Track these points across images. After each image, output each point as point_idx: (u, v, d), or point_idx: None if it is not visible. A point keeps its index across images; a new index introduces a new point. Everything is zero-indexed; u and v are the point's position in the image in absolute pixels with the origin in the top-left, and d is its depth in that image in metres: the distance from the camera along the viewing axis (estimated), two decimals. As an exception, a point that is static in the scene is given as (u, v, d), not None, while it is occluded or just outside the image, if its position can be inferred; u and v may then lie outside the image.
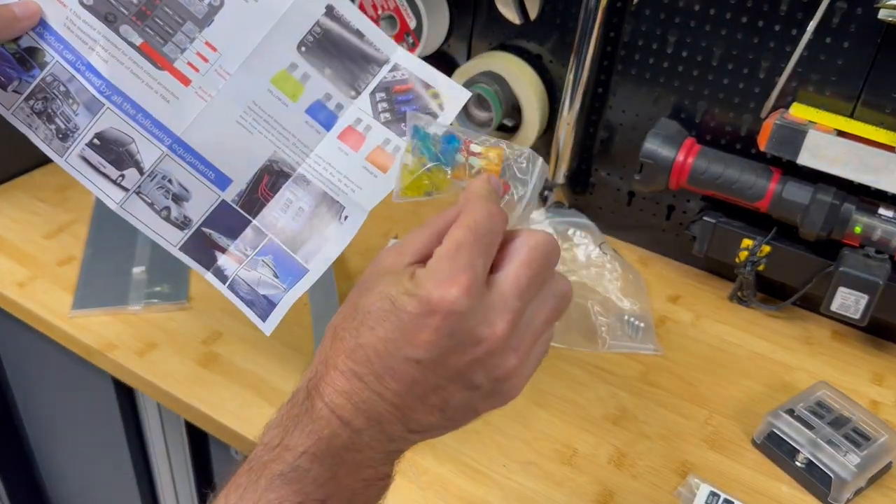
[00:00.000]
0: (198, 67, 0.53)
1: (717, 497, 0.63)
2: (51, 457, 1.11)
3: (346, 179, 0.54)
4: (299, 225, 0.54)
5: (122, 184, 0.52)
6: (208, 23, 0.53)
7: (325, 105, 0.55)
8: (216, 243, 0.53)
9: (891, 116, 0.76)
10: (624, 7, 0.85)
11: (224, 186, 0.54)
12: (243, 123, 0.54)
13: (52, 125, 0.51)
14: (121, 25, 0.52)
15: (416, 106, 0.55)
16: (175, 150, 0.53)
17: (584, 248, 0.91)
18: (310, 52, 0.54)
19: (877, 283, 0.76)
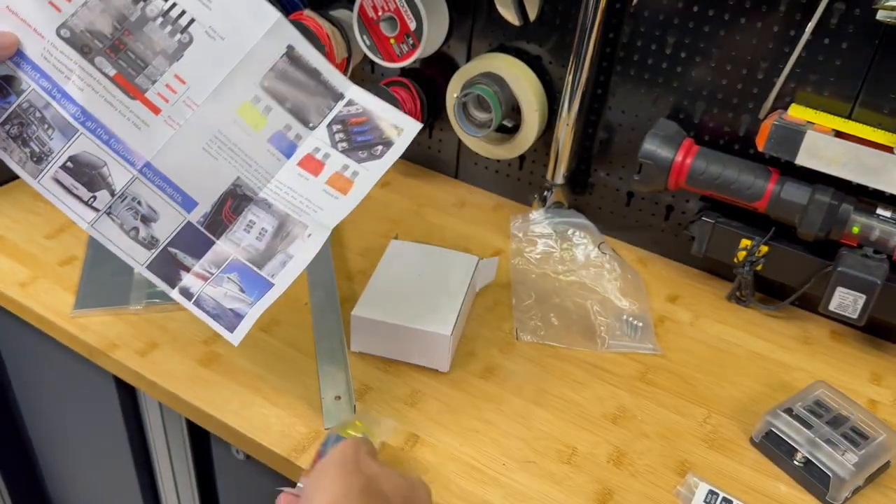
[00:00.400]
0: (167, 98, 0.56)
1: (715, 496, 0.64)
2: (53, 456, 1.11)
3: (308, 201, 0.58)
4: (263, 244, 0.57)
5: (93, 205, 0.54)
6: (178, 57, 0.57)
7: (286, 135, 0.59)
8: (181, 262, 0.56)
9: (889, 117, 0.77)
10: (623, 8, 0.86)
11: (190, 208, 0.57)
12: (209, 150, 0.57)
13: (27, 149, 0.52)
14: (96, 57, 0.55)
15: (373, 136, 0.61)
16: (145, 174, 0.55)
17: (584, 248, 0.91)
18: (272, 86, 0.59)
19: (875, 282, 0.76)
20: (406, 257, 0.83)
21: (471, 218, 1.02)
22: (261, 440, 0.66)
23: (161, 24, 0.56)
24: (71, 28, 0.54)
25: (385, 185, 1.07)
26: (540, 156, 1.01)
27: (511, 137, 0.96)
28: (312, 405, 0.70)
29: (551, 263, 0.90)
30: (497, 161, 1.04)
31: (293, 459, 0.65)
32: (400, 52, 0.95)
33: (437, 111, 1.04)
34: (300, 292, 0.84)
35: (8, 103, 0.52)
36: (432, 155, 1.10)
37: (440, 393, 0.73)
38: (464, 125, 0.94)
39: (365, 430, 0.64)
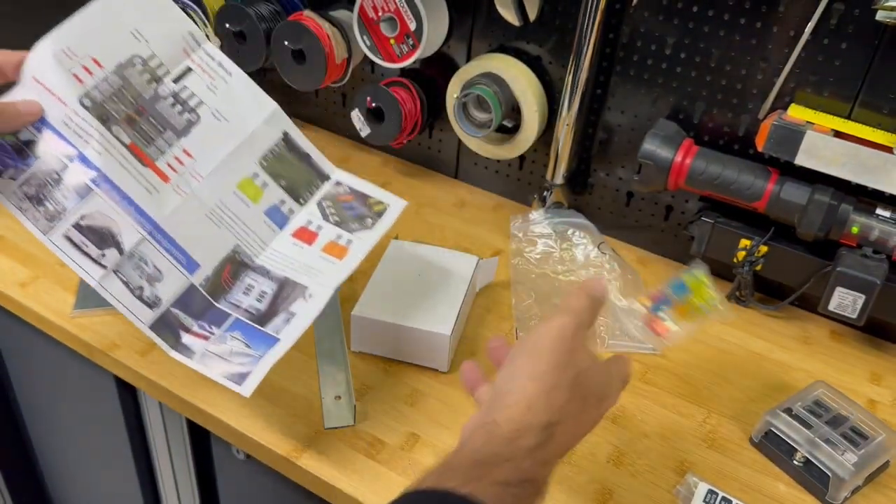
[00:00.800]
0: (176, 169, 0.61)
1: (715, 495, 0.64)
2: (53, 455, 1.11)
3: (306, 266, 0.62)
4: (264, 305, 0.60)
5: (101, 262, 0.55)
6: (186, 133, 0.62)
7: (280, 209, 0.65)
8: (182, 323, 0.57)
9: (888, 117, 0.77)
10: (623, 8, 0.86)
11: (193, 271, 0.59)
12: (212, 218, 0.61)
13: (42, 208, 0.54)
14: (113, 126, 0.58)
15: (361, 211, 0.67)
16: (153, 235, 0.58)
17: (583, 248, 0.91)
18: (269, 165, 0.65)
19: (874, 282, 0.76)
20: (406, 257, 0.83)
21: (471, 218, 1.02)
22: (261, 440, 0.66)
23: (172, 104, 0.62)
24: (92, 98, 0.57)
25: (385, 185, 1.06)
26: (540, 156, 1.01)
27: (511, 137, 0.96)
28: (312, 405, 0.70)
29: (551, 263, 0.90)
30: (497, 161, 1.05)
31: (293, 459, 0.65)
32: (400, 53, 0.95)
33: (437, 111, 1.04)
34: (300, 292, 0.84)
35: (27, 165, 0.54)
36: (432, 155, 1.10)
37: (440, 393, 0.73)
38: (464, 125, 0.94)
39: (708, 298, 0.63)
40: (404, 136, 1.02)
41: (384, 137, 1.02)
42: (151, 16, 0.62)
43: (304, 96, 1.18)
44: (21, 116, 0.54)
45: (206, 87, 0.64)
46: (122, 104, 0.59)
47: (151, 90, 0.60)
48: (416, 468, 0.65)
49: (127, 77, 0.59)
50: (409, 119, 1.00)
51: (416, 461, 0.66)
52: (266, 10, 1.03)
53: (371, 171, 1.10)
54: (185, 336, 0.57)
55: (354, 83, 1.10)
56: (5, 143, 0.53)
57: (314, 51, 0.98)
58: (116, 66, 0.59)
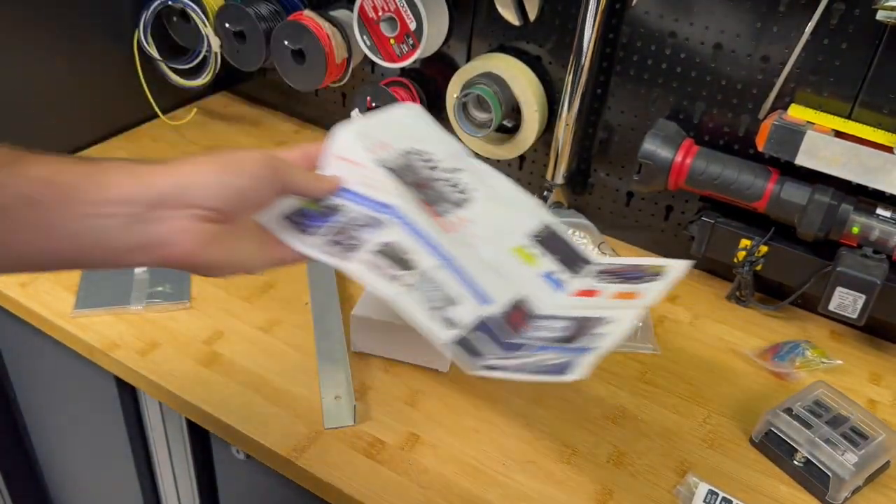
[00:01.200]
0: (458, 226, 0.63)
1: (715, 496, 0.64)
2: (53, 455, 1.11)
3: (598, 307, 0.60)
4: (566, 335, 0.57)
5: (399, 281, 0.56)
6: (461, 206, 0.65)
7: (555, 276, 0.65)
8: (481, 349, 0.55)
9: (888, 117, 0.77)
10: (623, 8, 0.86)
11: (486, 303, 0.58)
12: (496, 269, 0.62)
13: (340, 246, 0.57)
14: (406, 184, 0.62)
15: (637, 275, 0.64)
16: (449, 267, 0.59)
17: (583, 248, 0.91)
18: (539, 242, 0.66)
19: (874, 282, 0.76)
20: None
21: (471, 218, 1.02)
22: (261, 440, 0.66)
23: (447, 185, 0.66)
24: (385, 164, 0.62)
25: (385, 185, 1.07)
26: (540, 156, 1.01)
27: (511, 137, 0.96)
28: (312, 405, 0.70)
29: None
30: (497, 161, 1.04)
31: (293, 459, 0.65)
32: (400, 53, 0.95)
33: (437, 111, 1.04)
34: (300, 292, 0.84)
35: (330, 222, 0.58)
36: (432, 155, 1.10)
37: (440, 393, 0.73)
38: (464, 125, 0.94)
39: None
40: (404, 135, 1.02)
41: (384, 137, 1.02)
42: (433, 132, 0.69)
43: (304, 96, 1.18)
44: (327, 186, 0.58)
45: (478, 182, 0.68)
46: (409, 177, 0.63)
47: (430, 173, 0.65)
48: (416, 468, 0.65)
49: (410, 161, 0.65)
50: (409, 119, 1.00)
51: (416, 461, 0.66)
52: (266, 10, 1.03)
53: (371, 170, 1.10)
54: (486, 359, 0.55)
55: (354, 83, 1.10)
56: (311, 211, 0.58)
57: (314, 51, 0.98)
58: (402, 151, 0.65)
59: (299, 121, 1.21)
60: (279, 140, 1.15)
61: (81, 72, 1.03)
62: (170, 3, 1.04)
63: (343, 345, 0.76)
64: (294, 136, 1.17)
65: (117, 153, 1.07)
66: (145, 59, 1.09)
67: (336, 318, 0.79)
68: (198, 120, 1.17)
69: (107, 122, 1.10)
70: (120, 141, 1.10)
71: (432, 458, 0.66)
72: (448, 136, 0.70)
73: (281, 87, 1.19)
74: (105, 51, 1.06)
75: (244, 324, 0.79)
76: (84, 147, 1.07)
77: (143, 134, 1.12)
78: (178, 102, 1.19)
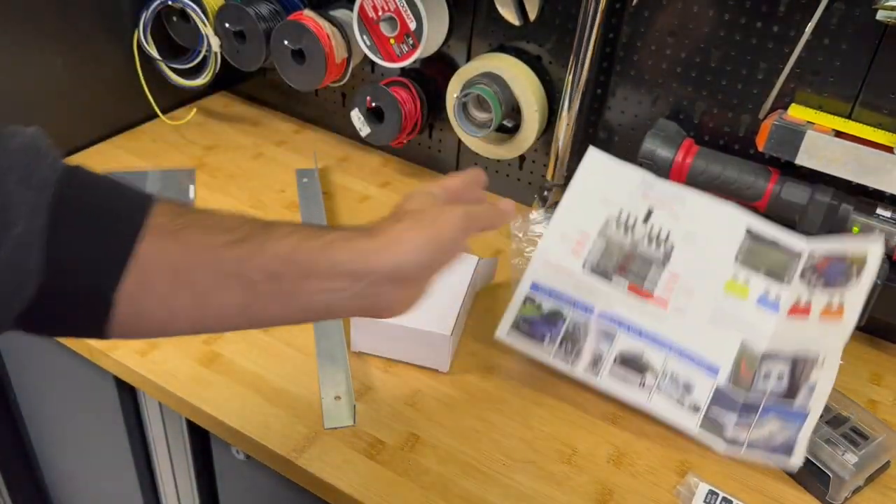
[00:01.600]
0: (669, 292, 0.71)
1: (715, 496, 0.64)
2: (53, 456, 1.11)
3: (810, 339, 0.67)
4: (784, 384, 0.65)
5: (644, 384, 0.66)
6: (668, 261, 0.73)
7: (768, 297, 0.71)
8: (723, 421, 0.65)
9: (889, 117, 0.77)
10: (623, 8, 0.86)
11: (715, 373, 0.67)
12: (714, 323, 0.70)
13: (582, 360, 0.67)
14: (613, 276, 0.72)
15: (842, 267, 0.70)
16: (674, 353, 0.68)
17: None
18: (744, 261, 0.73)
19: (875, 283, 0.76)
20: None
21: (471, 218, 1.02)
22: (261, 440, 0.66)
23: (648, 243, 0.74)
24: (590, 262, 0.72)
25: (385, 185, 1.07)
26: (540, 156, 1.01)
27: (511, 137, 0.96)
28: (312, 405, 0.70)
29: None
30: (497, 161, 1.04)
31: (293, 459, 0.65)
32: (400, 52, 0.95)
33: (437, 111, 1.04)
34: (300, 292, 0.84)
35: (558, 330, 0.68)
36: (432, 155, 1.10)
37: (440, 393, 0.73)
38: (464, 125, 0.94)
39: None
40: (404, 135, 1.02)
41: (384, 137, 1.02)
42: (612, 179, 0.77)
43: (304, 96, 1.18)
44: (505, 215, 0.63)
45: (670, 217, 0.75)
46: (613, 258, 0.73)
47: (629, 240, 0.74)
48: (417, 468, 0.65)
49: (608, 236, 0.74)
50: (409, 119, 1.00)
51: (416, 461, 0.66)
52: (266, 10, 1.03)
53: (371, 171, 1.10)
54: (729, 429, 0.64)
55: (354, 83, 1.10)
56: (535, 318, 0.68)
57: (314, 50, 0.98)
58: (598, 232, 0.74)
59: (299, 121, 1.21)
60: (279, 140, 1.15)
61: (81, 71, 1.03)
62: (170, 3, 1.04)
63: (343, 345, 0.76)
64: (294, 135, 1.17)
65: (117, 153, 1.07)
66: (145, 58, 1.09)
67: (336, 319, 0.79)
68: (198, 120, 1.17)
69: (107, 122, 1.10)
70: (120, 141, 1.10)
71: (432, 458, 0.66)
72: (622, 166, 0.78)
73: (281, 87, 1.19)
74: (105, 51, 1.06)
75: (244, 324, 0.79)
76: (84, 147, 1.07)
77: (143, 134, 1.12)
78: (177, 102, 1.19)
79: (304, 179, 1.04)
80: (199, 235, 0.45)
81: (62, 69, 1.01)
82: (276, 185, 1.03)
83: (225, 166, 1.06)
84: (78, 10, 1.00)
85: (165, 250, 0.44)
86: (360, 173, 1.09)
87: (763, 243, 0.74)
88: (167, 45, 1.11)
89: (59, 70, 1.00)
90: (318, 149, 1.13)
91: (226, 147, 1.11)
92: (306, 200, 0.99)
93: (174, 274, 0.44)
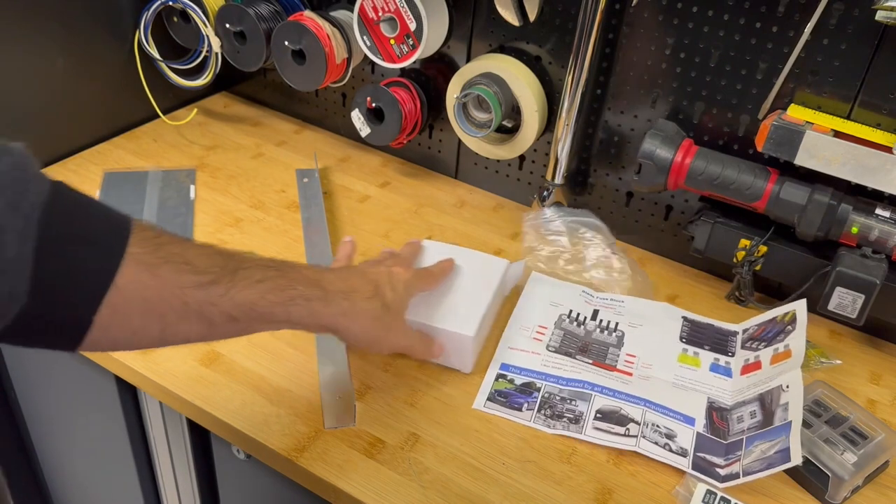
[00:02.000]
0: (631, 365, 0.78)
1: (713, 496, 0.64)
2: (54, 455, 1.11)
3: (768, 379, 0.72)
4: (758, 419, 0.69)
5: (629, 434, 0.69)
6: (622, 344, 0.81)
7: (719, 364, 0.79)
8: (713, 461, 0.68)
9: (888, 117, 0.77)
10: (622, 9, 0.86)
11: (692, 423, 0.71)
12: (677, 386, 0.76)
13: (563, 419, 0.71)
14: (576, 356, 0.79)
15: (777, 328, 0.78)
16: (650, 407, 0.72)
17: (595, 248, 0.91)
18: (688, 341, 0.82)
19: (874, 282, 0.76)
20: (437, 258, 0.81)
21: (471, 218, 1.02)
22: (261, 439, 0.66)
23: (600, 332, 0.82)
24: (553, 345, 0.79)
25: (385, 185, 1.07)
26: (540, 156, 1.01)
27: (511, 137, 0.96)
28: (313, 405, 0.70)
29: (561, 263, 0.90)
30: (497, 161, 1.05)
31: (294, 458, 0.65)
32: (400, 53, 0.95)
33: (437, 111, 1.04)
34: (300, 292, 0.84)
35: (534, 399, 0.73)
36: (432, 155, 1.10)
37: (440, 393, 0.73)
38: (464, 125, 0.94)
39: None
40: (404, 136, 1.02)
41: (384, 137, 1.02)
42: (557, 291, 0.87)
43: (305, 96, 1.18)
44: (446, 270, 0.78)
45: (614, 314, 0.84)
46: (572, 343, 0.80)
47: (583, 330, 0.82)
48: (417, 467, 0.65)
49: (564, 328, 0.82)
50: (409, 119, 1.00)
51: (416, 461, 0.66)
52: (266, 10, 1.03)
53: (371, 171, 1.10)
54: (721, 470, 0.66)
55: (354, 83, 1.10)
56: (511, 391, 0.74)
57: (314, 51, 0.98)
58: (554, 324, 0.82)
59: (299, 121, 1.21)
60: (279, 140, 1.15)
61: (82, 72, 1.03)
62: (170, 4, 1.05)
63: (343, 345, 0.76)
64: (294, 136, 1.17)
65: (118, 153, 1.07)
66: (146, 59, 1.09)
67: (336, 318, 0.79)
68: (198, 120, 1.17)
69: (107, 122, 1.10)
70: (120, 141, 1.10)
71: (432, 458, 0.67)
72: (565, 286, 0.88)
73: (281, 88, 1.19)
74: (105, 51, 1.06)
75: (244, 324, 0.79)
76: (85, 147, 1.07)
77: (144, 134, 1.12)
78: (178, 103, 1.19)
79: (304, 179, 1.04)
80: (173, 274, 0.49)
81: (63, 69, 1.01)
82: (277, 185, 1.03)
83: (225, 166, 1.06)
84: (79, 10, 1.00)
85: (142, 284, 0.47)
86: (360, 173, 1.09)
87: (700, 326, 0.84)
88: (168, 46, 1.11)
89: (59, 70, 1.00)
90: (318, 149, 1.14)
91: (226, 147, 1.11)
92: (306, 200, 1.00)
93: (146, 306, 0.48)
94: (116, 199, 0.95)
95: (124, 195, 0.96)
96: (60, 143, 1.04)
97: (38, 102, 1.00)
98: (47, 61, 0.99)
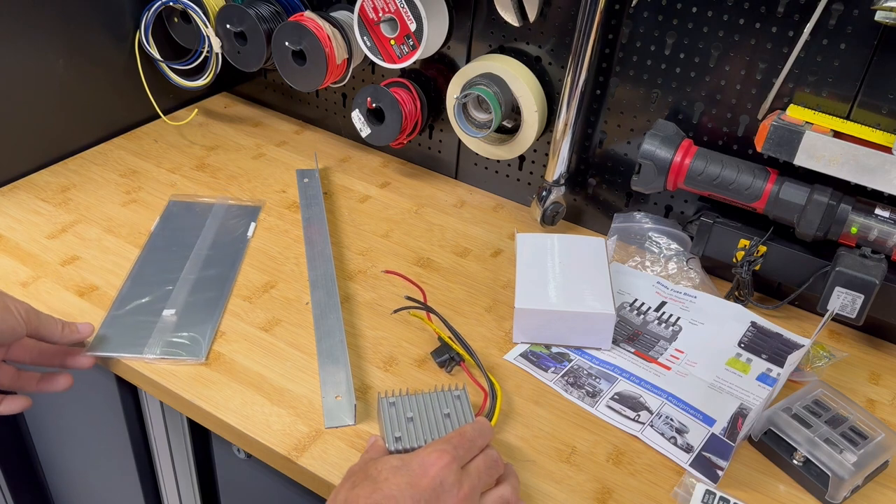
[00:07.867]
0: (674, 361, 0.79)
1: (713, 495, 0.64)
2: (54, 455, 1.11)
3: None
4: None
5: (638, 420, 0.72)
6: (674, 339, 0.82)
7: (769, 375, 0.79)
8: (715, 463, 0.68)
9: (887, 117, 0.77)
10: (622, 9, 0.86)
11: (711, 424, 0.72)
12: (714, 388, 0.76)
13: (583, 390, 0.74)
14: (620, 343, 0.81)
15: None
16: (671, 401, 0.74)
17: (676, 259, 0.92)
18: (746, 347, 0.82)
19: (873, 282, 0.76)
20: (537, 248, 0.86)
21: (471, 218, 1.02)
22: (262, 439, 0.66)
23: (658, 323, 0.84)
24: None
25: (385, 185, 1.07)
26: (540, 156, 1.01)
27: (511, 138, 0.96)
28: (313, 404, 0.70)
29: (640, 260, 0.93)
30: (497, 161, 1.05)
31: (294, 458, 0.65)
32: (400, 53, 0.95)
33: (437, 112, 1.05)
34: (301, 292, 0.84)
35: (563, 366, 0.77)
36: (432, 155, 1.10)
37: (440, 392, 0.73)
38: (464, 126, 0.94)
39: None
40: (404, 136, 1.02)
41: (384, 138, 1.02)
42: (629, 280, 0.90)
43: (305, 97, 1.18)
44: (77, 335, 0.73)
45: (680, 309, 0.86)
46: (622, 332, 0.82)
47: (640, 320, 0.84)
48: (416, 467, 0.65)
49: (622, 315, 0.85)
50: (410, 119, 1.00)
51: (416, 460, 0.66)
52: (267, 11, 1.04)
53: (371, 171, 1.10)
54: (721, 472, 0.67)
55: (355, 84, 1.10)
56: (544, 354, 0.78)
57: (315, 51, 0.98)
58: (617, 308, 0.82)
59: (300, 121, 1.21)
60: (280, 140, 1.15)
61: (82, 72, 1.03)
62: (171, 4, 1.05)
63: (344, 344, 0.76)
64: (294, 136, 1.17)
65: (118, 153, 1.07)
66: (146, 59, 1.09)
67: (336, 318, 0.79)
68: (198, 120, 1.17)
69: (108, 123, 1.10)
70: (121, 141, 1.10)
71: (432, 458, 0.66)
72: (643, 276, 0.90)
73: (281, 88, 1.20)
74: (106, 51, 1.06)
75: (245, 323, 0.79)
76: (86, 147, 1.07)
77: (144, 134, 1.12)
78: (178, 103, 1.19)
79: (304, 180, 1.05)
80: None
81: (64, 70, 1.01)
82: (277, 186, 1.03)
83: (226, 167, 1.06)
84: (79, 10, 1.00)
85: None
86: (360, 174, 1.09)
87: (767, 334, 0.84)
88: (168, 46, 1.11)
89: (60, 70, 1.01)
90: (318, 149, 1.14)
91: (227, 147, 1.11)
92: (307, 201, 1.00)
93: None
94: (172, 229, 0.92)
95: (182, 225, 0.93)
96: (61, 143, 1.04)
97: (39, 102, 1.00)
98: (48, 61, 0.99)
